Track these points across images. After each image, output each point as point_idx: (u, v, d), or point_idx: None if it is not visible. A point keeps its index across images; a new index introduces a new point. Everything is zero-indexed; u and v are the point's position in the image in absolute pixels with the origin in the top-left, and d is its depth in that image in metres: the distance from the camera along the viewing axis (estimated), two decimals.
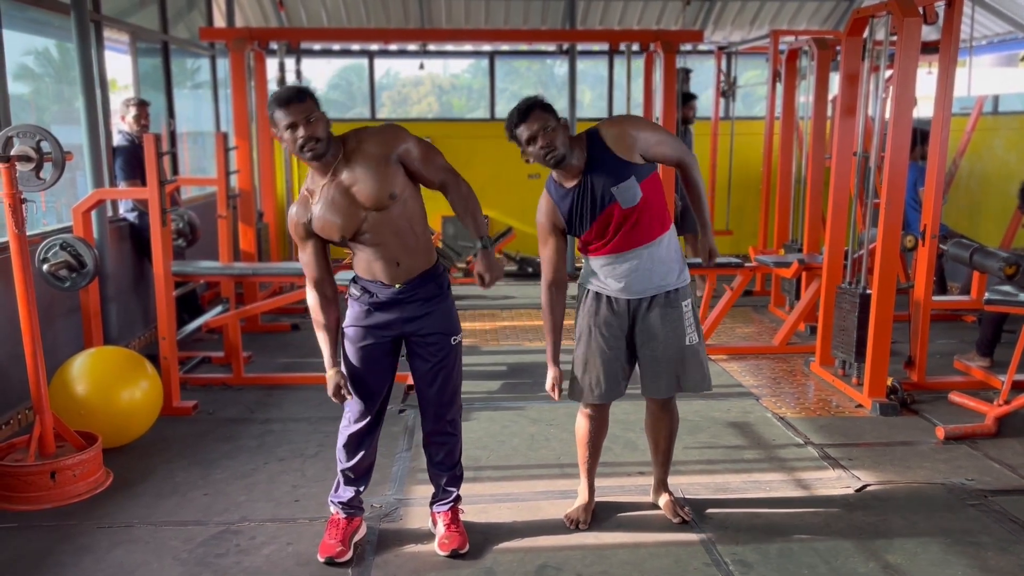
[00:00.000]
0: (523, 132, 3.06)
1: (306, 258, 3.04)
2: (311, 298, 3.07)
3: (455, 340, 3.12)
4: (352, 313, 3.08)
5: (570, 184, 3.12)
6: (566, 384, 3.35)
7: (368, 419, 3.14)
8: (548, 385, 3.33)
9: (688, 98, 7.83)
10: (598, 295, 3.24)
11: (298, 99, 2.83)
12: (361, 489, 3.26)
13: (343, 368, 3.09)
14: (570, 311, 3.32)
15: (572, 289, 3.38)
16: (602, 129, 3.12)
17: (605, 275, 3.20)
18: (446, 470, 3.28)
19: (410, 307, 3.03)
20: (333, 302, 3.08)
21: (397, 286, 3.00)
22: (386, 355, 3.10)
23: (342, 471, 3.22)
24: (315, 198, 2.93)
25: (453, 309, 3.14)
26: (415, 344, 3.10)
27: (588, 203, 3.10)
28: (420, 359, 3.11)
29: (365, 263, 3.01)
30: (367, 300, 3.04)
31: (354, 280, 3.08)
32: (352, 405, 3.12)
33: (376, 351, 3.07)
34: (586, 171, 3.09)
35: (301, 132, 2.81)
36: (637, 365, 3.33)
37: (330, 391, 3.04)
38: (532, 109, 3.05)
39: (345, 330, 3.10)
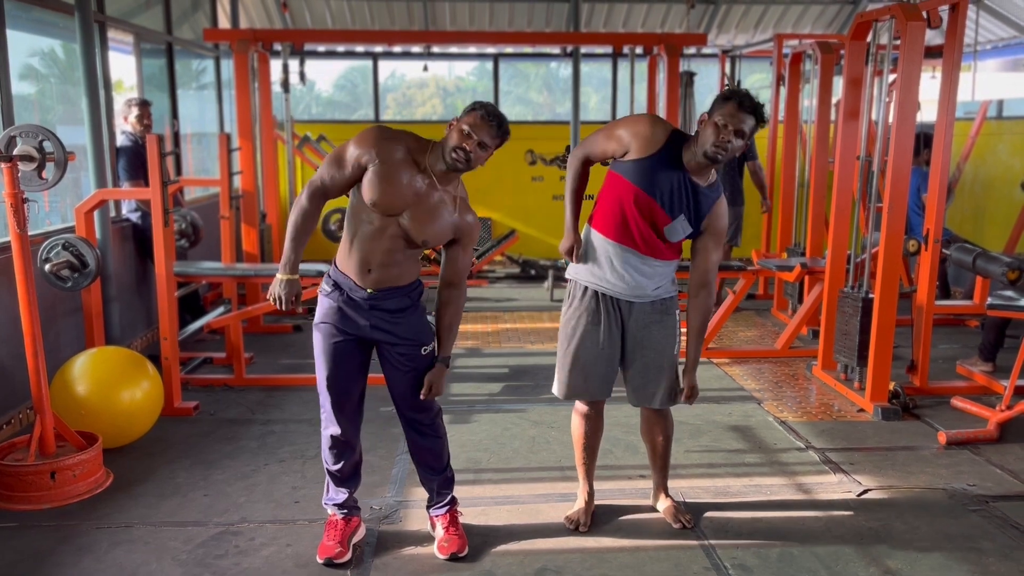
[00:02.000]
0: (742, 119, 2.96)
1: (332, 171, 2.95)
2: (302, 199, 2.99)
3: (425, 350, 3.08)
4: (322, 309, 3.06)
5: (690, 171, 3.07)
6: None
7: (345, 419, 3.13)
8: (565, 247, 3.28)
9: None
10: (592, 293, 3.23)
11: (499, 128, 2.88)
12: (352, 489, 3.25)
13: (316, 360, 3.07)
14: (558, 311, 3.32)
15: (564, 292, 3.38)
16: (721, 197, 3.17)
17: (603, 261, 3.18)
18: (436, 474, 3.27)
19: (377, 314, 3.00)
20: (315, 217, 3.03)
21: (368, 291, 2.98)
22: (356, 353, 3.07)
23: (329, 472, 3.23)
24: (401, 167, 2.88)
25: (424, 320, 3.11)
26: (385, 351, 3.08)
27: (667, 185, 3.06)
28: (390, 366, 3.10)
29: (346, 251, 2.99)
30: (337, 297, 3.02)
31: (328, 275, 3.06)
32: (327, 406, 3.12)
33: (346, 347, 3.04)
34: (701, 185, 3.09)
35: (476, 152, 2.85)
36: (625, 373, 3.32)
37: (270, 292, 3.05)
38: (757, 112, 3.00)
39: (316, 326, 3.08)
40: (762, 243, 7.90)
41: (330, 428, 3.14)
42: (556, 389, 3.35)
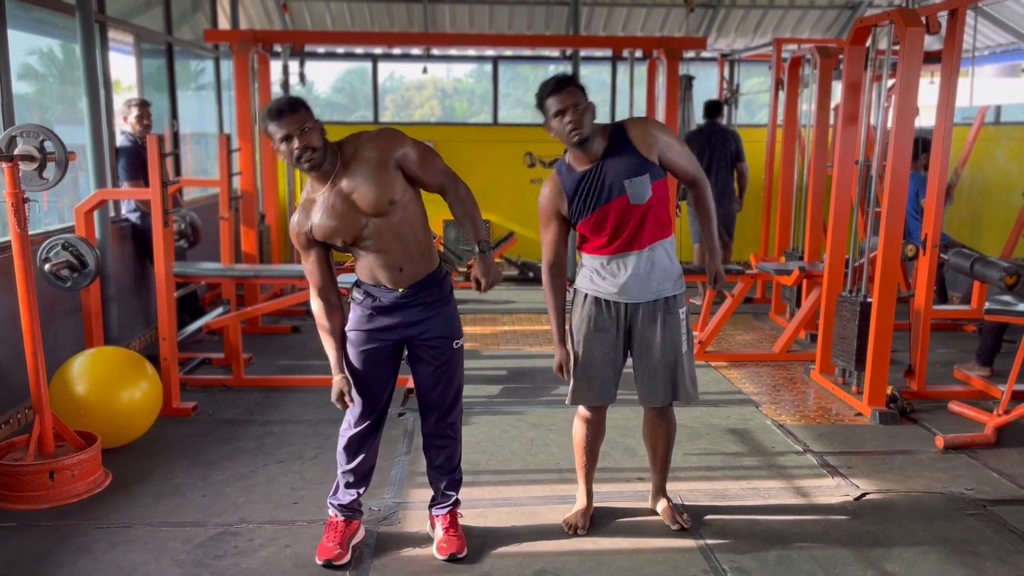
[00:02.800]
0: (553, 104, 3.02)
1: (309, 267, 3.05)
2: (315, 305, 3.08)
3: (457, 344, 3.12)
4: (354, 317, 3.09)
5: (582, 168, 3.11)
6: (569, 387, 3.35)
7: (369, 422, 3.15)
8: (556, 366, 3.30)
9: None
10: (595, 299, 3.23)
11: (290, 110, 2.83)
12: (361, 492, 3.26)
13: (347, 373, 3.09)
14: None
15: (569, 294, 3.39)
16: (627, 124, 3.14)
17: (602, 277, 3.19)
18: (446, 474, 3.28)
19: (412, 311, 3.03)
20: (337, 308, 3.10)
21: (400, 290, 3.00)
22: (388, 359, 3.11)
23: (342, 473, 3.23)
24: (316, 206, 2.93)
25: (455, 313, 3.14)
26: (417, 348, 3.10)
27: (596, 189, 3.09)
28: (422, 363, 3.12)
29: (368, 268, 3.02)
30: (369, 304, 3.04)
31: (357, 284, 3.08)
32: (353, 407, 3.12)
33: (378, 355, 3.08)
34: (603, 158, 3.09)
35: (296, 143, 2.82)
36: (633, 372, 3.33)
37: (334, 396, 3.04)
38: (568, 83, 3.03)
39: (347, 334, 3.10)
40: (760, 247, 7.91)
41: (354, 429, 3.16)
42: (569, 400, 3.35)
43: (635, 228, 3.10)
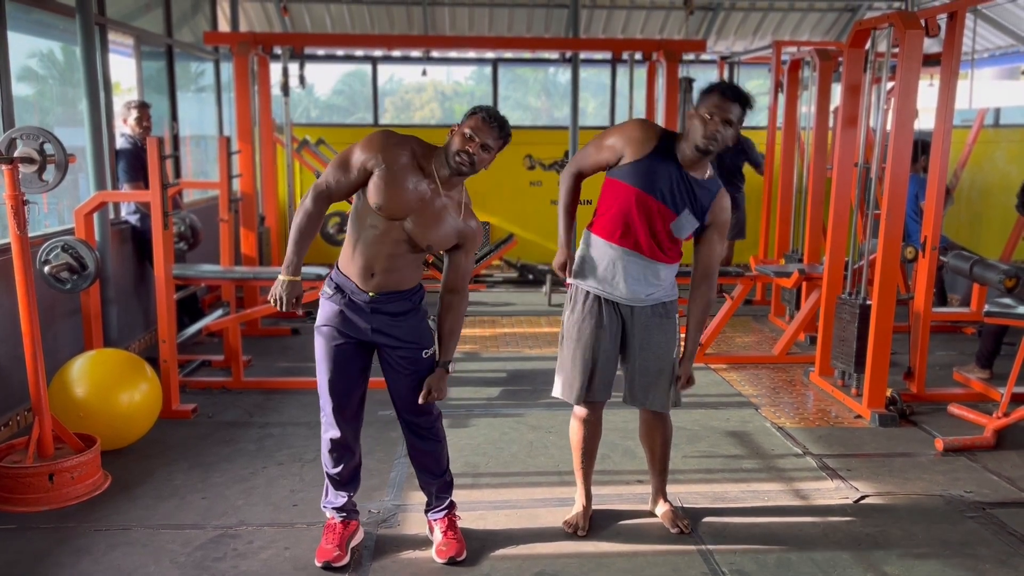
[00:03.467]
0: (720, 107, 3.00)
1: (338, 175, 2.94)
2: (308, 200, 2.98)
3: (426, 354, 3.09)
4: (324, 312, 3.07)
5: (686, 166, 3.10)
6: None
7: (345, 422, 3.13)
8: (557, 264, 3.34)
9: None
10: (595, 298, 3.23)
11: (501, 130, 2.91)
12: (351, 493, 3.25)
13: (318, 364, 3.08)
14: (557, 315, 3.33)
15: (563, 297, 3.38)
16: (722, 192, 3.19)
17: (602, 263, 3.19)
18: (435, 477, 3.27)
19: (378, 318, 3.01)
20: (317, 223, 3.03)
21: (370, 294, 2.99)
22: (357, 356, 3.08)
23: (328, 476, 3.23)
24: (411, 174, 2.90)
25: (424, 323, 3.11)
26: (386, 354, 3.08)
27: (664, 181, 3.08)
28: (391, 369, 3.10)
29: (349, 254, 3.00)
30: (339, 300, 3.03)
31: (330, 277, 3.07)
32: (328, 410, 3.12)
33: (347, 350, 3.05)
34: (695, 178, 3.11)
35: (479, 153, 2.88)
36: (626, 376, 3.33)
37: (270, 292, 3.02)
38: (746, 102, 3.05)
39: (317, 329, 3.09)
40: (760, 249, 7.91)
41: (330, 432, 3.15)
42: (561, 392, 3.35)
43: (649, 237, 3.12)
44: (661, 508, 3.51)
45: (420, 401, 3.04)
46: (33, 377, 3.68)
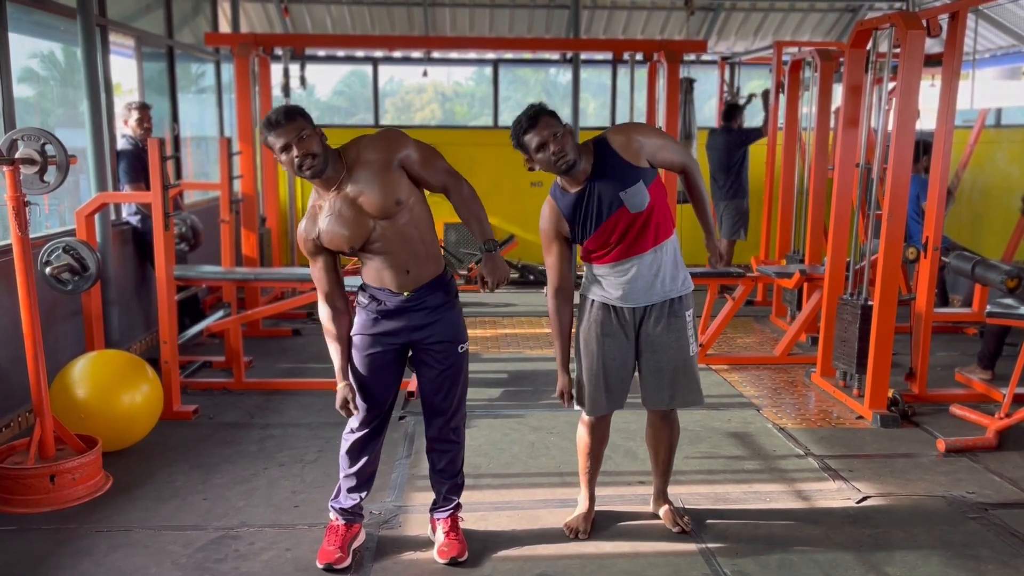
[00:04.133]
0: (532, 139, 3.03)
1: (317, 273, 3.05)
2: (323, 311, 3.08)
3: (462, 348, 3.12)
4: (359, 321, 3.08)
5: (575, 190, 3.12)
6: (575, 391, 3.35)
7: (372, 426, 3.14)
8: (558, 393, 3.32)
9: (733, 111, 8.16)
10: (602, 305, 3.23)
11: (287, 119, 2.82)
12: (363, 496, 3.25)
13: (351, 379, 3.09)
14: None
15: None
16: (609, 136, 3.13)
17: (608, 283, 3.20)
18: (448, 478, 3.27)
19: (417, 315, 3.02)
20: (344, 314, 3.09)
21: (405, 294, 3.00)
22: (392, 363, 3.10)
23: (345, 477, 3.22)
24: (323, 212, 2.93)
25: (460, 317, 3.14)
26: (422, 351, 3.10)
27: (594, 208, 3.09)
28: (426, 366, 3.11)
29: (374, 271, 3.01)
30: (374, 308, 3.04)
31: (362, 288, 3.08)
32: (360, 412, 3.12)
33: (382, 359, 3.07)
34: (592, 177, 3.09)
35: (296, 151, 2.81)
36: (640, 376, 3.33)
37: (338, 404, 3.04)
38: (540, 116, 3.03)
39: (352, 338, 3.10)
40: (761, 250, 7.91)
41: (357, 433, 3.16)
42: (580, 406, 3.33)
43: (638, 232, 3.10)
44: (663, 509, 3.50)
45: (485, 289, 3.00)
46: (34, 378, 3.69)
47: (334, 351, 3.08)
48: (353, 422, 3.16)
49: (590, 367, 3.26)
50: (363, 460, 3.18)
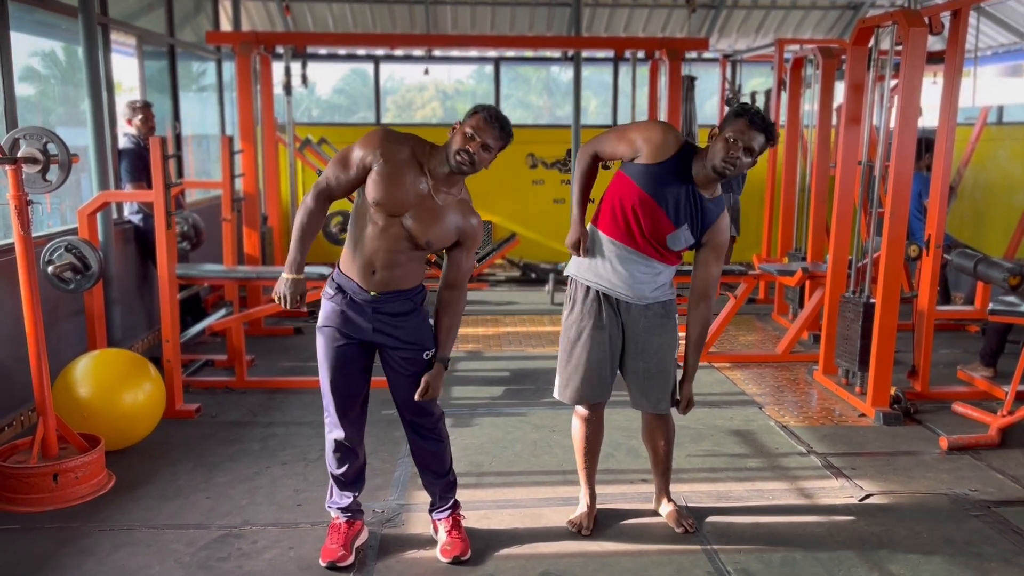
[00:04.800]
0: (752, 136, 2.98)
1: (335, 172, 2.97)
2: (306, 204, 3.00)
3: (428, 355, 3.08)
4: (325, 313, 3.07)
5: (698, 182, 3.09)
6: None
7: (349, 423, 3.13)
8: (570, 241, 3.27)
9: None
10: (595, 293, 3.23)
11: (502, 131, 2.90)
12: (356, 493, 3.25)
13: (320, 364, 3.07)
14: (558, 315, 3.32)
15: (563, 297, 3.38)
16: (721, 217, 3.17)
17: (607, 261, 3.18)
18: (438, 478, 3.27)
19: (380, 318, 3.01)
20: (319, 216, 3.03)
21: (372, 293, 2.98)
22: (359, 357, 3.08)
23: (333, 476, 3.23)
24: (406, 169, 2.90)
25: (427, 324, 3.11)
26: (387, 355, 3.08)
27: (673, 194, 3.07)
28: (392, 371, 3.10)
29: (351, 254, 3.00)
30: (340, 300, 3.03)
31: (332, 277, 3.07)
32: (331, 410, 3.12)
33: (349, 351, 3.05)
34: (702, 197, 3.10)
35: (475, 149, 2.86)
36: (625, 376, 3.33)
37: (279, 289, 3.01)
38: (772, 132, 3.02)
39: (319, 330, 3.09)
40: (763, 247, 7.91)
41: (334, 432, 3.15)
42: (561, 394, 3.35)
43: (647, 239, 3.12)
44: (665, 507, 3.51)
45: (416, 398, 3.03)
46: (37, 377, 3.69)
47: (296, 244, 3.00)
48: (331, 421, 3.15)
49: (571, 355, 3.27)
50: (348, 459, 3.18)
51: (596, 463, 3.50)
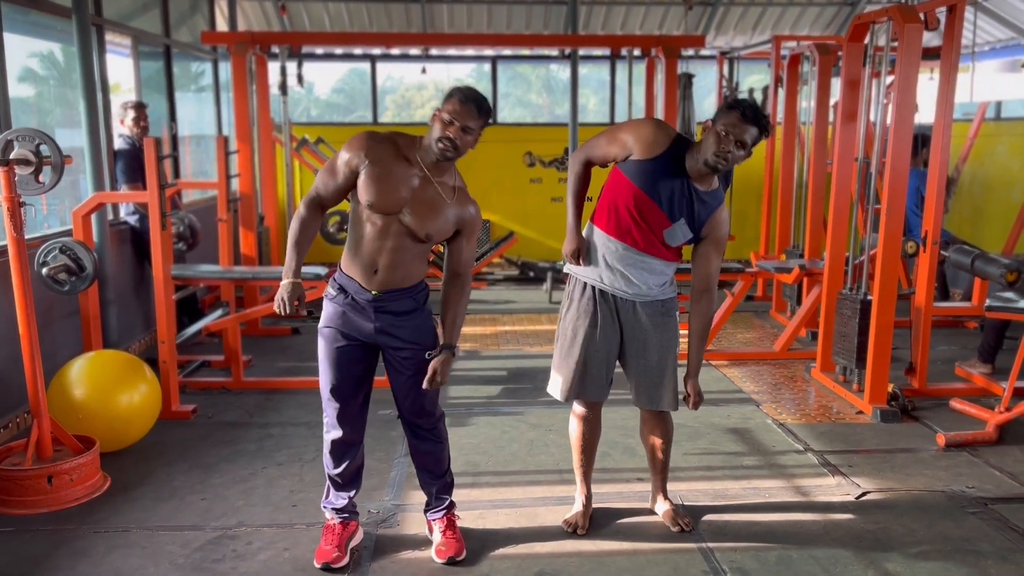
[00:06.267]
0: (744, 130, 2.96)
1: (326, 179, 2.98)
2: (300, 214, 3.00)
3: (430, 355, 3.05)
4: (327, 314, 3.06)
5: (692, 176, 3.08)
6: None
7: (348, 424, 3.12)
8: (567, 250, 3.26)
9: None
10: (592, 290, 3.22)
11: (479, 110, 2.86)
12: (352, 494, 3.24)
13: (321, 365, 3.06)
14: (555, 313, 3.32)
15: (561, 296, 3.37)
16: (721, 206, 3.17)
17: (605, 259, 3.17)
18: (435, 479, 3.26)
19: (383, 318, 2.99)
20: (314, 222, 3.03)
21: (373, 292, 2.98)
22: (361, 358, 3.07)
23: (330, 477, 3.22)
24: (398, 167, 2.89)
25: (429, 323, 3.10)
26: (389, 355, 3.07)
27: (667, 189, 3.06)
28: (394, 370, 3.09)
29: (352, 254, 2.99)
30: (342, 301, 3.02)
31: (334, 278, 3.07)
32: (330, 410, 3.11)
33: (351, 352, 3.04)
34: (698, 190, 3.09)
35: (455, 133, 2.84)
36: (628, 375, 3.32)
37: (278, 296, 2.97)
38: (765, 124, 3.02)
39: (320, 330, 3.08)
40: (760, 245, 7.90)
41: (333, 432, 3.14)
42: (556, 391, 3.33)
43: (644, 236, 3.11)
44: (662, 506, 3.50)
45: (424, 386, 3.01)
46: (31, 379, 3.68)
47: (291, 252, 2.99)
48: (330, 421, 3.14)
49: (567, 352, 3.26)
50: (346, 460, 3.17)
51: (592, 462, 3.49)
